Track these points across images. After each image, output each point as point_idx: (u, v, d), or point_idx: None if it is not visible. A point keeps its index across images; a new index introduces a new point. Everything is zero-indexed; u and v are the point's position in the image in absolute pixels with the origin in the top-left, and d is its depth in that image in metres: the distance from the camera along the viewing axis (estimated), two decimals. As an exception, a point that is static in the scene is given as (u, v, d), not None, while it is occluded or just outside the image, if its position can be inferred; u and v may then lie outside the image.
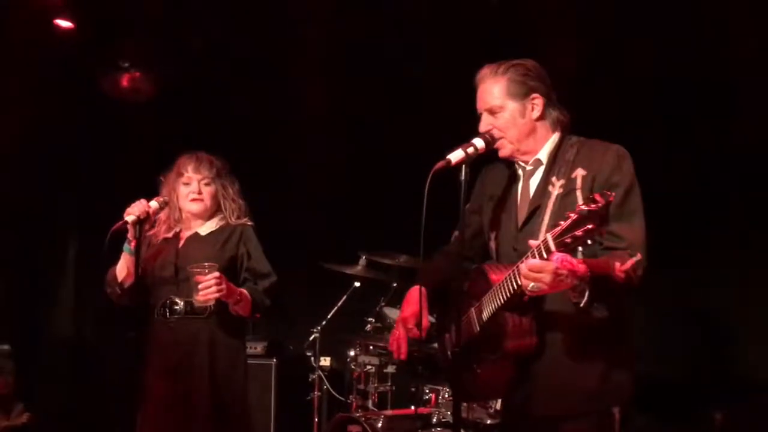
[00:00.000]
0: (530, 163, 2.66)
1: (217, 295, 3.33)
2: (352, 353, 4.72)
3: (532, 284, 2.27)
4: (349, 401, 4.74)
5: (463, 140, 2.57)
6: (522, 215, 2.62)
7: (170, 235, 3.65)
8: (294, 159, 5.63)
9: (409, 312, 2.78)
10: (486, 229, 2.78)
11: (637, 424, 3.80)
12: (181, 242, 3.64)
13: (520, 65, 2.63)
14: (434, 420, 4.14)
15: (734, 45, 4.37)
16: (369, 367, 4.66)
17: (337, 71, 5.42)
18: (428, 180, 2.45)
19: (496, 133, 2.63)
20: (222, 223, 3.66)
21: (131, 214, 3.41)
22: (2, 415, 5.31)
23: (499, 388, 2.63)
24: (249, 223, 3.66)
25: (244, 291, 3.50)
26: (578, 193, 2.49)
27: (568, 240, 2.15)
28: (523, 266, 2.28)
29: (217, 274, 3.33)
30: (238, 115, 5.60)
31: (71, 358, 5.89)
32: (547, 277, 2.23)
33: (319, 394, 4.90)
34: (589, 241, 2.14)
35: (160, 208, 3.54)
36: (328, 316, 4.96)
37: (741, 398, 4.27)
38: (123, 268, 3.54)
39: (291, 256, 5.20)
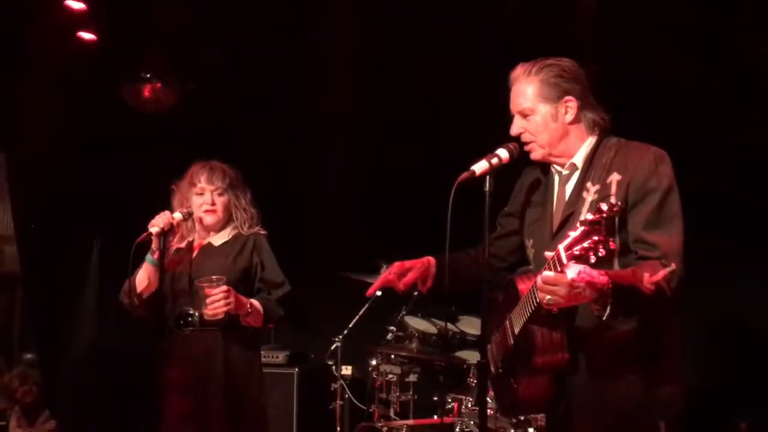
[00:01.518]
0: (566, 167, 2.57)
1: (225, 309, 3.34)
2: (373, 362, 4.70)
3: (547, 297, 2.21)
4: (371, 410, 4.73)
5: (487, 149, 2.54)
6: (556, 222, 2.53)
7: (183, 245, 3.66)
8: (314, 168, 5.64)
9: (405, 263, 2.71)
10: (524, 235, 2.70)
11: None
12: (195, 253, 3.63)
13: (555, 65, 2.52)
14: (457, 430, 4.11)
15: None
16: (391, 376, 4.64)
17: (357, 80, 5.43)
18: (452, 191, 2.42)
19: (527, 136, 2.55)
20: (234, 232, 3.65)
21: (156, 225, 3.42)
22: (27, 424, 5.35)
23: (538, 403, 2.55)
24: (262, 232, 3.65)
25: (255, 302, 3.50)
26: (613, 200, 2.32)
27: (578, 252, 2.09)
28: (539, 279, 2.23)
29: (225, 287, 3.33)
30: (258, 124, 5.61)
31: (95, 367, 5.91)
32: (562, 290, 2.17)
33: (341, 403, 4.89)
34: (600, 253, 2.06)
35: (184, 220, 3.56)
36: (350, 326, 4.95)
37: (766, 408, 4.23)
38: (144, 279, 3.54)
39: (312, 265, 5.22)
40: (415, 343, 4.53)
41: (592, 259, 2.09)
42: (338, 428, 4.89)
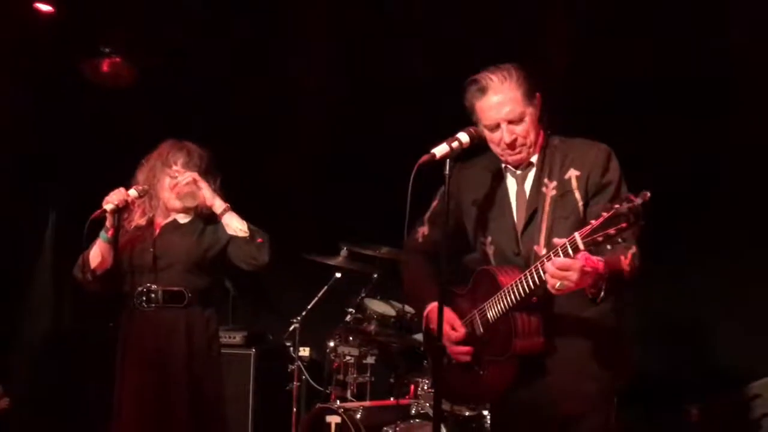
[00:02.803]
0: (522, 166, 2.64)
1: (191, 177, 3.47)
2: (331, 344, 4.70)
3: (559, 283, 2.29)
4: (328, 392, 4.74)
5: (448, 133, 2.55)
6: (521, 219, 2.61)
7: (143, 221, 3.62)
8: (275, 149, 5.60)
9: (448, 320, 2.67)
10: (475, 233, 2.73)
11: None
12: (158, 230, 3.61)
13: (521, 67, 2.60)
14: (413, 411, 4.14)
15: (733, 42, 4.37)
16: (348, 357, 4.65)
17: (319, 62, 5.40)
18: (413, 173, 2.44)
19: (519, 141, 2.59)
20: (198, 211, 3.63)
21: (110, 202, 3.39)
22: (-21, 401, 5.27)
23: (499, 389, 2.62)
24: None
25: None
26: (576, 194, 2.52)
27: (600, 238, 2.17)
28: (549, 265, 2.29)
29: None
30: (220, 103, 5.55)
31: (50, 344, 5.84)
32: (574, 275, 2.26)
33: (298, 384, 4.88)
34: (619, 240, 2.17)
35: (140, 197, 3.52)
36: (309, 307, 4.93)
37: (717, 392, 4.31)
38: (97, 255, 3.51)
39: (273, 246, 5.18)
40: (374, 326, 4.54)
41: (608, 247, 2.19)
42: (294, 409, 4.88)
